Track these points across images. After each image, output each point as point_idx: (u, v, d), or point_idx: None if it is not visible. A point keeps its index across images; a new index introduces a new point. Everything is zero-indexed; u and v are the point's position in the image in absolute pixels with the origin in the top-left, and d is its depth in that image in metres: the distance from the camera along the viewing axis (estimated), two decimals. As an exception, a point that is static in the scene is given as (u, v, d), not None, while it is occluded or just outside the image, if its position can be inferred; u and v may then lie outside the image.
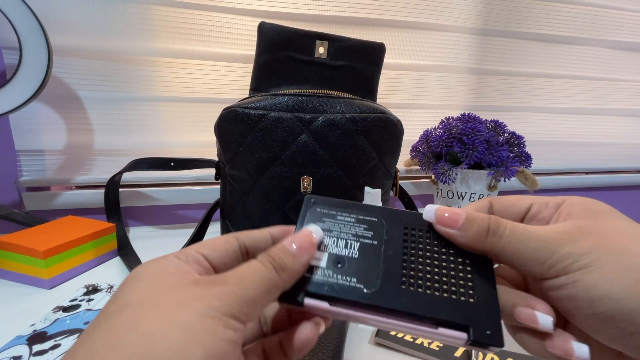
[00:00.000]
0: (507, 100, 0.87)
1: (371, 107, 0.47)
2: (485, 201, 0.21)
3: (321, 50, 0.49)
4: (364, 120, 0.46)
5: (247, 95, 0.50)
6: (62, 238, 0.47)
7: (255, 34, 0.50)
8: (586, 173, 0.99)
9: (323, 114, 0.45)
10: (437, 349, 0.34)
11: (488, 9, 0.79)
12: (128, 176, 0.65)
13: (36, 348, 0.33)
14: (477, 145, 0.61)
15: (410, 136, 0.67)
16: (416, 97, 0.81)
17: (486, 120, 0.67)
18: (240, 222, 0.50)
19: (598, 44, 0.89)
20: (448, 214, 0.19)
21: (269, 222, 0.48)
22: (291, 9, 0.68)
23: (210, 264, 0.17)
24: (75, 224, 0.52)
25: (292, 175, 0.46)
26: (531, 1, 0.82)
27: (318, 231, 0.19)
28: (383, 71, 0.54)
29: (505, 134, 0.66)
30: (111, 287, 0.44)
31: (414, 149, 0.72)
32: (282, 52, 0.49)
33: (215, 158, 0.54)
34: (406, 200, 0.65)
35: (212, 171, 0.54)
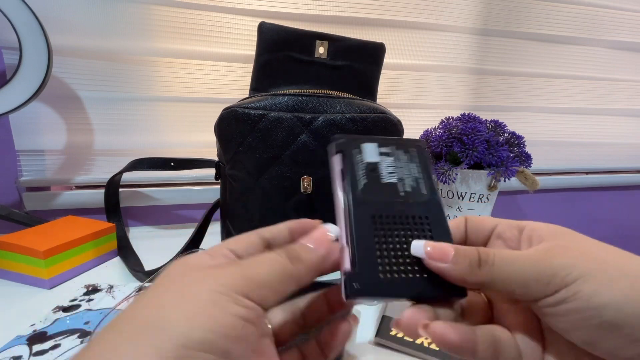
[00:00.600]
0: (507, 100, 0.87)
1: (371, 107, 0.47)
2: (461, 220, 0.22)
3: (321, 50, 0.49)
4: (364, 120, 0.46)
5: (247, 95, 0.50)
6: (62, 238, 0.47)
7: (255, 34, 0.50)
8: (586, 173, 0.99)
9: (323, 114, 0.45)
10: (437, 349, 0.34)
11: (488, 9, 0.79)
12: (128, 176, 0.65)
13: (36, 348, 0.33)
14: (477, 145, 0.61)
15: (410, 136, 0.67)
16: (416, 97, 0.81)
17: (486, 120, 0.67)
18: (240, 222, 0.50)
19: (598, 44, 0.89)
20: (437, 249, 0.18)
21: (269, 222, 0.48)
22: (291, 9, 0.68)
23: (237, 256, 0.18)
24: (75, 224, 0.52)
25: (292, 175, 0.46)
26: (531, 1, 0.82)
27: (335, 229, 0.20)
28: (383, 71, 0.54)
29: (505, 134, 0.66)
30: (111, 287, 0.44)
31: (414, 149, 0.72)
32: (282, 52, 0.49)
33: (215, 158, 0.54)
34: (406, 200, 0.64)
35: (212, 171, 0.54)
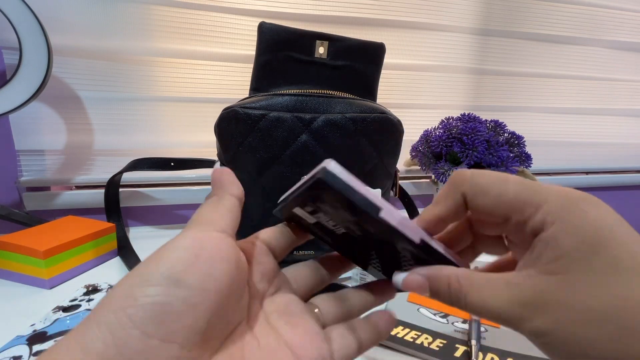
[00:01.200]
0: (507, 100, 0.87)
1: (371, 107, 0.47)
2: (458, 195, 0.18)
3: (321, 50, 0.49)
4: (364, 120, 0.46)
5: (247, 95, 0.50)
6: (62, 238, 0.47)
7: (255, 34, 0.50)
8: (586, 173, 0.99)
9: (323, 114, 0.45)
10: (437, 348, 0.34)
11: (488, 9, 0.79)
12: (128, 176, 0.65)
13: (36, 348, 0.33)
14: (477, 145, 0.61)
15: (410, 136, 0.67)
16: (416, 97, 0.81)
17: (486, 120, 0.67)
18: (240, 222, 0.50)
19: (598, 44, 0.89)
20: (412, 283, 0.18)
21: (269, 223, 0.48)
22: (291, 9, 0.68)
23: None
24: (75, 224, 0.52)
25: (292, 175, 0.46)
26: (531, 1, 0.82)
27: None
28: (383, 71, 0.54)
29: (505, 134, 0.66)
30: (111, 287, 0.44)
31: (414, 149, 0.72)
32: (282, 52, 0.49)
33: (215, 158, 0.54)
34: (406, 200, 0.65)
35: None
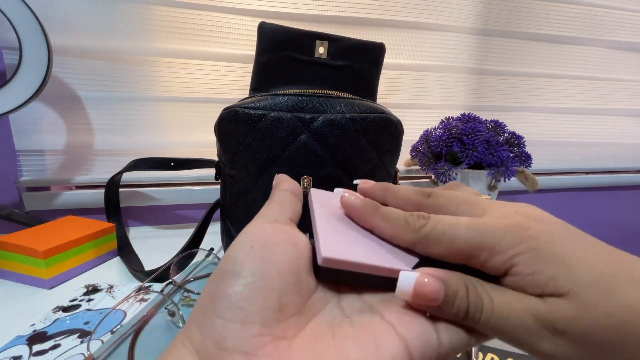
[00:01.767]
0: (507, 100, 0.87)
1: (371, 107, 0.47)
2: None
3: (321, 50, 0.49)
4: (364, 120, 0.46)
5: (247, 95, 0.50)
6: (62, 238, 0.47)
7: (255, 34, 0.50)
8: (586, 173, 0.99)
9: (323, 114, 0.45)
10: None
11: (488, 9, 0.79)
12: (128, 176, 0.65)
13: (36, 348, 0.33)
14: (477, 145, 0.61)
15: (410, 136, 0.67)
16: (416, 97, 0.81)
17: (486, 120, 0.67)
18: (240, 222, 0.50)
19: (598, 44, 0.89)
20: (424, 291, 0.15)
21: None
22: (291, 9, 0.68)
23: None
24: (75, 224, 0.52)
25: (292, 175, 0.45)
26: (531, 1, 0.82)
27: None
28: (383, 71, 0.54)
29: (505, 134, 0.66)
30: (111, 287, 0.44)
31: (414, 149, 0.72)
32: (282, 52, 0.49)
33: (215, 158, 0.54)
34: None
35: (212, 171, 0.54)
